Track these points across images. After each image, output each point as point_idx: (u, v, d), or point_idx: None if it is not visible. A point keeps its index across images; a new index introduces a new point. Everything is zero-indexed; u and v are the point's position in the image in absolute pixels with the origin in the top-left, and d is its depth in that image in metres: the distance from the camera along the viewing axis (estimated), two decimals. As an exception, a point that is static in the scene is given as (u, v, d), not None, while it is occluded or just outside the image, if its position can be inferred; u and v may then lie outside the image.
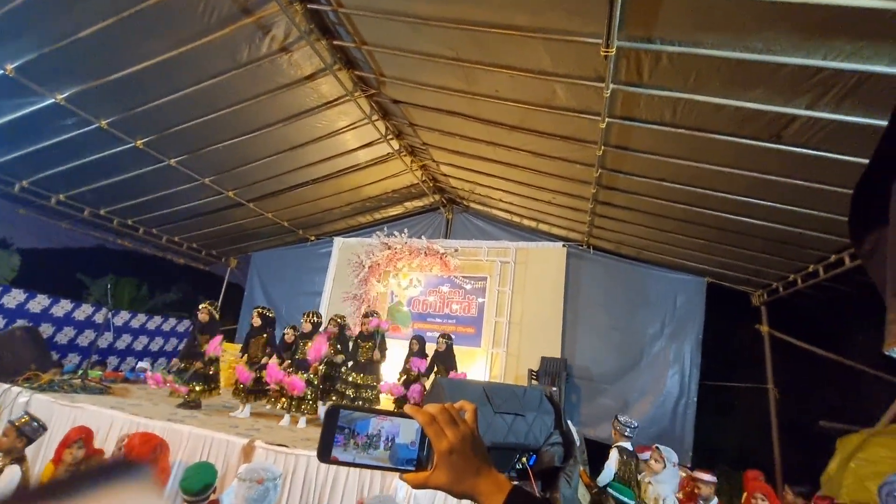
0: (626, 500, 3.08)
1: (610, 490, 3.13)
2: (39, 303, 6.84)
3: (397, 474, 0.66)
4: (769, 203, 4.38)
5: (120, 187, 6.46)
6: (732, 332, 7.52)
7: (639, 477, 3.69)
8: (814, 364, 7.17)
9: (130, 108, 5.07)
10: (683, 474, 4.21)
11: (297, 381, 3.85)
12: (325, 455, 0.64)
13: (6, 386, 3.89)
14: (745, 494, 4.07)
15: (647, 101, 3.67)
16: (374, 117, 5.88)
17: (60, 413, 3.51)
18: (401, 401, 4.92)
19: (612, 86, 3.51)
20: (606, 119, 3.96)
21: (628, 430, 4.19)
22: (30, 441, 2.80)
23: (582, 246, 7.46)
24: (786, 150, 3.51)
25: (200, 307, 4.62)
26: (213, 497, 2.40)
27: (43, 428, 2.86)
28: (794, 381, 6.68)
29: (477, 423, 0.68)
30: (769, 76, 2.95)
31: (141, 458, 2.69)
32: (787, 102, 3.11)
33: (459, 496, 0.63)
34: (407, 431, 0.65)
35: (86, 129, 5.21)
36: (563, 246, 7.53)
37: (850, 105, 2.91)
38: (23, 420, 2.78)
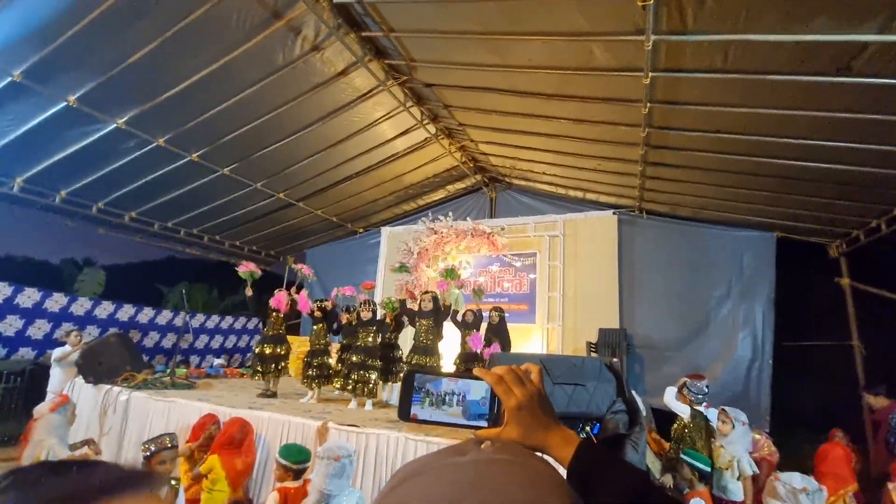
0: (701, 466, 2.99)
1: (684, 457, 3.05)
2: (126, 312, 7.55)
3: (470, 431, 0.69)
4: (841, 143, 3.99)
5: (182, 200, 6.93)
6: (809, 289, 6.97)
7: (713, 443, 3.57)
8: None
9: (183, 125, 5.40)
10: (758, 436, 4.03)
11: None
12: (405, 414, 0.70)
13: (108, 387, 4.36)
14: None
15: (693, 48, 3.43)
16: (409, 104, 5.89)
17: (156, 408, 3.90)
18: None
19: (653, 37, 3.31)
20: (650, 74, 3.74)
21: (700, 395, 4.04)
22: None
23: (634, 211, 7.17)
24: (856, 82, 3.18)
25: (276, 293, 4.96)
26: (308, 477, 2.63)
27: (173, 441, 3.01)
28: (882, 336, 6.12)
29: (542, 382, 0.70)
30: (832, 0, 2.66)
31: (232, 437, 3.03)
32: (855, 28, 2.79)
33: (531, 450, 0.66)
34: (477, 390, 0.69)
35: (146, 148, 5.61)
36: (614, 213, 7.26)
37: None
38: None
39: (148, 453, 2.77)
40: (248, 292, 4.99)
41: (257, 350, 4.78)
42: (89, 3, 3.76)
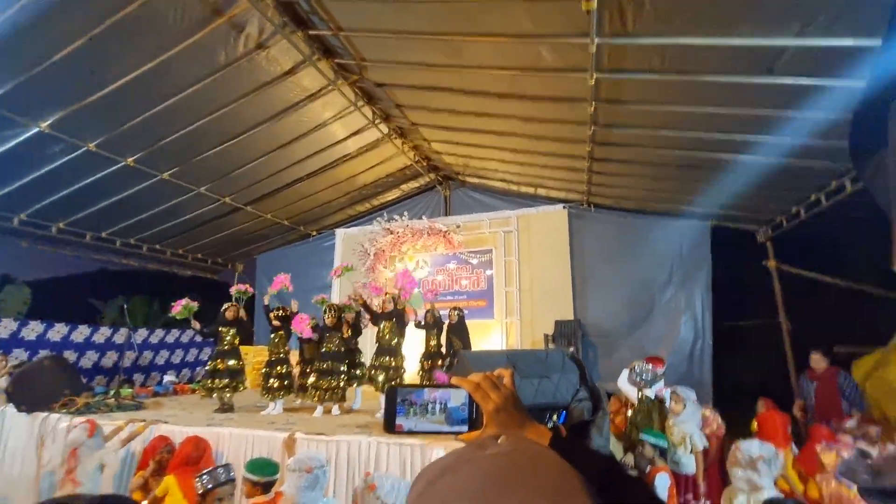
0: (659, 443, 3.20)
1: (643, 436, 3.25)
2: (58, 331, 6.95)
3: (451, 437, 0.74)
4: (766, 138, 4.36)
5: (118, 207, 6.45)
6: (741, 272, 7.58)
7: (668, 422, 3.83)
8: (823, 293, 7.26)
9: (116, 127, 5.04)
10: (707, 413, 4.35)
11: None
12: (391, 426, 0.74)
13: (44, 414, 4.01)
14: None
15: (634, 51, 3.62)
16: (360, 104, 5.82)
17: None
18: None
19: (597, 40, 3.46)
20: (595, 74, 3.91)
21: (643, 377, 4.31)
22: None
23: (582, 205, 7.46)
24: (778, 83, 3.48)
25: (226, 306, 4.73)
26: (279, 489, 2.53)
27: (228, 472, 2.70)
28: (805, 312, 6.77)
29: (515, 385, 0.76)
30: (756, 8, 2.91)
31: (188, 456, 2.89)
32: (776, 33, 3.07)
33: None
34: (457, 397, 0.74)
35: (75, 153, 5.19)
36: (564, 207, 7.53)
37: (841, 28, 2.87)
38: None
39: (203, 490, 2.45)
40: (196, 326, 4.82)
41: (210, 367, 4.56)
42: (2, -5, 3.42)
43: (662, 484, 3.08)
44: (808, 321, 6.28)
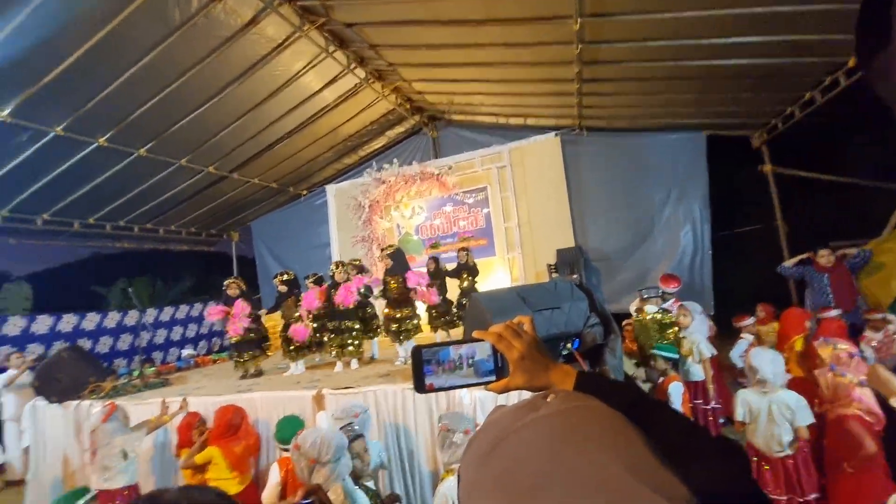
0: (671, 355, 3.36)
1: (656, 351, 3.39)
2: (68, 322, 7.00)
3: (480, 387, 0.78)
4: (756, 38, 4.17)
5: (101, 191, 6.26)
6: (737, 179, 7.56)
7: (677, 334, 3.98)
8: (818, 192, 7.30)
9: (80, 107, 4.77)
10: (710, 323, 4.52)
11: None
12: (421, 387, 0.76)
13: (76, 402, 4.13)
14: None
15: (618, -46, 3.36)
16: (332, 49, 5.48)
17: (136, 413, 3.75)
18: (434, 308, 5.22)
19: (579, -53, 3.20)
20: (578, -13, 3.65)
21: (651, 294, 4.44)
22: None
23: (575, 130, 7.27)
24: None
25: (227, 283, 4.71)
26: None
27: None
28: (802, 213, 6.84)
29: (535, 330, 0.78)
30: None
31: (229, 424, 3.02)
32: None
33: (538, 391, 0.73)
34: (482, 350, 0.76)
35: (43, 140, 4.95)
36: (556, 135, 7.35)
37: None
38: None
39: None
40: (262, 313, 4.84)
41: (234, 340, 4.64)
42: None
43: (676, 391, 3.26)
44: (803, 222, 6.36)
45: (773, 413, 2.76)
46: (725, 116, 6.19)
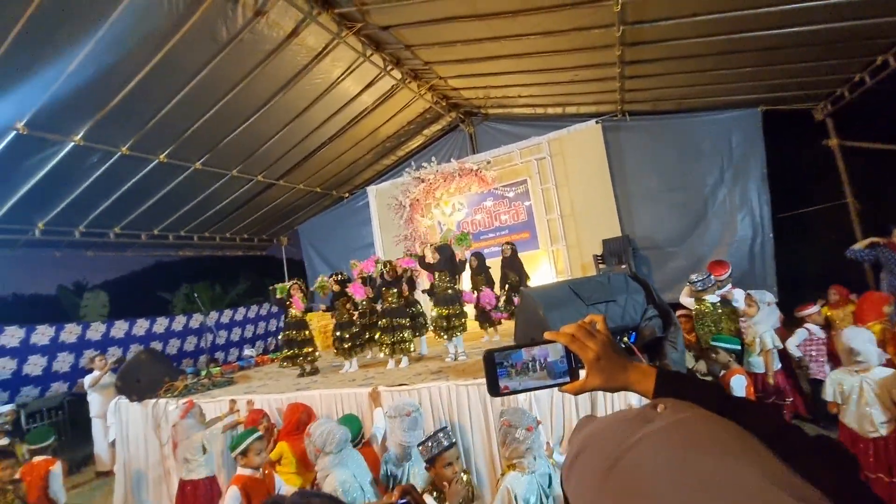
0: (732, 346, 3.20)
1: (715, 343, 3.24)
2: (141, 326, 7.57)
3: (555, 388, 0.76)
4: (815, 2, 3.86)
5: (162, 204, 6.71)
6: (799, 156, 7.04)
7: (740, 324, 3.78)
8: (890, 166, 6.68)
9: (142, 127, 5.12)
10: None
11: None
12: (495, 389, 0.76)
13: (153, 401, 4.47)
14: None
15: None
16: (369, 52, 5.57)
17: (208, 410, 4.01)
18: (483, 313, 5.22)
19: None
20: (619, -33, 3.52)
21: (699, 285, 4.21)
22: None
23: (616, 116, 7.04)
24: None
25: (290, 287, 4.89)
26: (365, 440, 2.78)
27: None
28: (874, 189, 6.27)
29: (608, 329, 0.76)
30: None
31: (299, 421, 3.18)
32: None
33: (615, 391, 0.72)
34: (554, 351, 0.75)
35: (111, 160, 5.35)
36: (597, 122, 7.13)
37: None
38: None
39: (429, 456, 2.35)
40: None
41: (283, 337, 4.85)
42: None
43: (739, 384, 3.11)
44: (878, 199, 5.83)
45: (864, 392, 2.64)
46: (784, 89, 5.78)
